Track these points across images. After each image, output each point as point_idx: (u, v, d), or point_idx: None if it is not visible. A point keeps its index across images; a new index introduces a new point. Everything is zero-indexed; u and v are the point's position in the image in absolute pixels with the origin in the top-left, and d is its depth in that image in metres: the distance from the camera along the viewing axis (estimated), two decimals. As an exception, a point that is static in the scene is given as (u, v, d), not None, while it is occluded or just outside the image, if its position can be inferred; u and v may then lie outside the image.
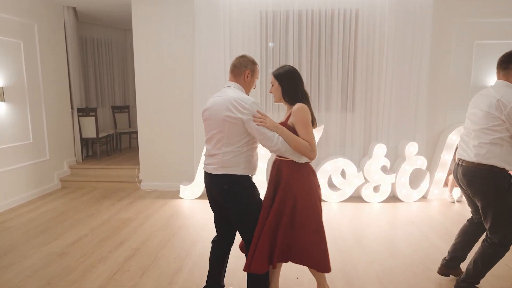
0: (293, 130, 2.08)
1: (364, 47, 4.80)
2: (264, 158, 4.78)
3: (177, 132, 5.26)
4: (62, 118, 5.72)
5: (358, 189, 4.82)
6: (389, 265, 3.01)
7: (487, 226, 2.38)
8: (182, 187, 4.98)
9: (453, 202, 4.75)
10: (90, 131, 6.22)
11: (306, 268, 3.00)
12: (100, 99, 7.34)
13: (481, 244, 2.43)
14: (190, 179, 5.22)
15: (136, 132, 7.35)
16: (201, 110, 4.84)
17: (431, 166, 4.89)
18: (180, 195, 5.00)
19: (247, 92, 2.24)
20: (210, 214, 4.18)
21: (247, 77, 2.20)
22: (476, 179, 2.34)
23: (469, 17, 4.77)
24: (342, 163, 4.71)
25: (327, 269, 2.12)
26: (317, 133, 4.63)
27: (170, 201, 4.84)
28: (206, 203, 4.74)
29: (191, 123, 5.16)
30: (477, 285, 2.51)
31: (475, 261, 2.42)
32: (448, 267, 2.73)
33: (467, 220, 2.72)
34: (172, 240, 3.55)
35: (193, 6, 4.90)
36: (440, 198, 4.89)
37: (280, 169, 2.17)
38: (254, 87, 2.29)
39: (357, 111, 4.89)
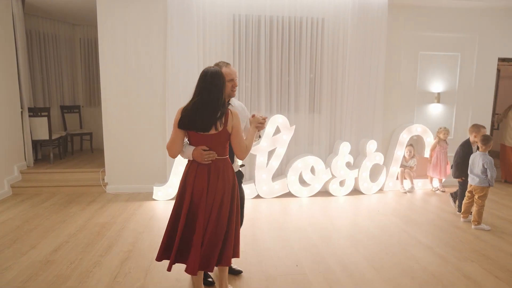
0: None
1: (329, 54, 5.20)
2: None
3: (148, 133, 5.15)
4: (11, 118, 5.22)
5: (325, 184, 5.20)
6: (372, 250, 3.38)
7: None
8: (155, 189, 4.90)
9: (405, 193, 5.37)
10: (41, 133, 5.75)
11: (304, 255, 3.25)
12: (48, 99, 6.80)
13: None
14: (162, 180, 5.15)
15: (89, 134, 6.97)
16: (175, 110, 4.85)
17: (386, 161, 5.47)
18: (154, 197, 4.91)
19: (226, 95, 2.48)
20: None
21: None
22: None
23: (415, 31, 5.45)
24: (312, 160, 5.05)
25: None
26: (289, 132, 4.91)
27: (144, 203, 4.73)
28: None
29: (164, 123, 5.10)
30: None
31: None
32: None
33: None
34: (160, 242, 3.52)
35: (164, 4, 4.86)
36: (394, 190, 5.49)
37: None
38: (228, 88, 2.50)
39: (323, 112, 5.28)
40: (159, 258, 2.38)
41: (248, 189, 5.01)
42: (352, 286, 2.72)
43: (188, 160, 2.35)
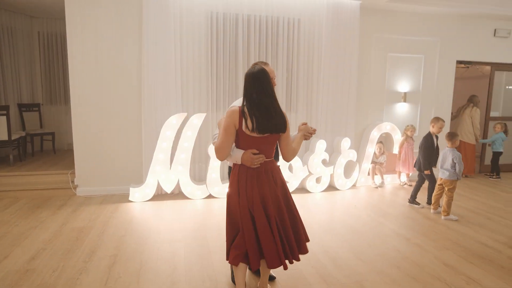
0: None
1: (305, 54, 5.31)
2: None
3: (122, 132, 4.95)
4: (-33, 117, 4.79)
5: (303, 182, 5.32)
6: (356, 243, 3.52)
7: None
8: (132, 190, 4.73)
9: (376, 188, 5.64)
10: (0, 133, 5.33)
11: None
12: (4, 96, 6.30)
13: None
14: (138, 180, 4.98)
15: (50, 134, 6.56)
16: (151, 108, 4.72)
17: (359, 158, 5.70)
18: (130, 198, 4.74)
19: None
20: (172, 215, 4.13)
21: None
22: None
23: (384, 33, 5.72)
24: (290, 158, 5.14)
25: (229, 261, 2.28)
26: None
27: (120, 206, 4.55)
28: (159, 204, 4.63)
29: (139, 122, 4.93)
30: None
31: None
32: None
33: None
34: (148, 243, 3.42)
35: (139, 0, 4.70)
36: (366, 185, 5.74)
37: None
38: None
39: (300, 111, 5.39)
40: (235, 261, 2.24)
41: (227, 187, 4.98)
42: (344, 278, 2.82)
43: (235, 164, 2.24)
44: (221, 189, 4.98)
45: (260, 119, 2.08)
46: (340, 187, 5.46)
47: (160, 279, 2.77)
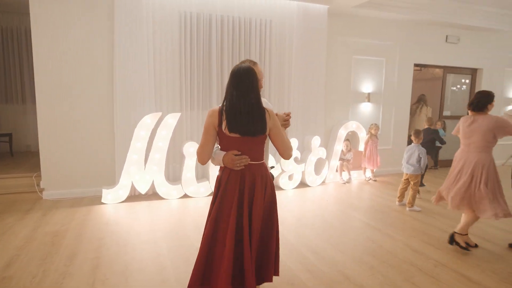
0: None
1: (277, 55, 5.47)
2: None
3: (93, 132, 4.80)
4: None
5: (276, 179, 5.47)
6: (333, 235, 3.72)
7: None
8: (104, 191, 4.60)
9: (344, 184, 5.93)
10: (-47, 134, 4.95)
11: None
12: (-46, 94, 5.83)
13: None
14: (110, 182, 4.85)
15: (7, 135, 6.17)
16: (124, 107, 4.63)
17: (327, 156, 5.96)
18: (103, 200, 4.61)
19: None
20: (149, 216, 4.10)
21: None
22: None
23: (349, 37, 6.03)
24: (264, 156, 5.26)
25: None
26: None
27: (93, 208, 4.41)
28: (134, 206, 4.56)
29: (111, 122, 4.81)
30: None
31: None
32: None
33: None
34: (129, 244, 3.38)
35: (111, -3, 4.59)
36: (334, 181, 6.02)
37: None
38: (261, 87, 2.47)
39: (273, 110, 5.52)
40: (193, 286, 2.02)
41: (202, 187, 5.02)
42: (327, 268, 2.99)
43: (220, 167, 2.12)
44: (197, 189, 4.99)
45: (234, 120, 1.95)
46: (311, 184, 5.68)
47: (148, 278, 2.76)
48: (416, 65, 6.66)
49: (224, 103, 1.99)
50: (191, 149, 4.87)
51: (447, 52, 6.80)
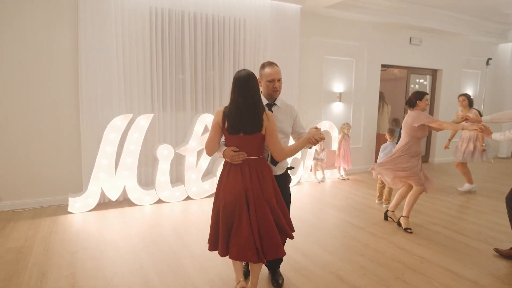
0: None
1: (251, 54, 5.37)
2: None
3: (57, 137, 4.41)
4: None
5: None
6: (318, 236, 3.69)
7: None
8: (71, 200, 4.24)
9: (319, 183, 5.97)
10: None
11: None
12: None
13: None
14: (77, 189, 4.49)
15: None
16: (91, 109, 4.31)
17: (302, 155, 5.96)
18: (69, 210, 4.25)
19: (266, 95, 2.53)
20: (124, 224, 3.85)
21: (260, 83, 2.50)
22: None
23: (321, 37, 6.08)
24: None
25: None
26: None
27: (59, 219, 4.05)
28: (105, 214, 4.26)
29: (77, 125, 4.45)
30: None
31: None
32: None
33: None
34: (107, 257, 3.12)
35: (74, -11, 4.24)
36: (309, 181, 6.04)
37: None
38: (269, 88, 2.50)
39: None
40: (212, 248, 2.42)
41: (177, 191, 4.80)
42: (320, 270, 2.95)
43: (224, 161, 2.41)
44: (171, 193, 4.77)
45: (232, 120, 2.23)
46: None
47: (133, 286, 2.55)
48: (383, 65, 6.87)
49: (228, 106, 2.28)
50: (164, 152, 4.64)
51: (410, 53, 7.08)
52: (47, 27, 4.24)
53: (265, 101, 2.49)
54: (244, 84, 2.22)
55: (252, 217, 2.23)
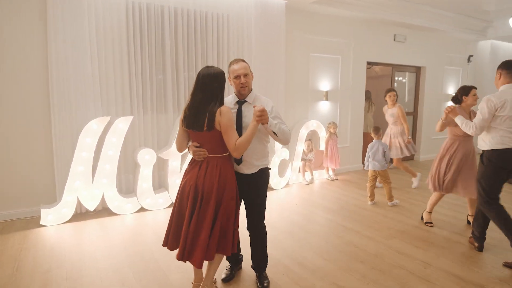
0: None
1: (235, 50, 5.13)
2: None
3: (24, 143, 4.03)
4: None
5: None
6: (312, 241, 3.50)
7: None
8: (43, 212, 3.88)
9: (307, 184, 5.80)
10: None
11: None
12: None
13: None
14: (49, 200, 4.13)
15: None
16: (64, 112, 3.97)
17: (290, 156, 5.77)
18: (42, 222, 3.88)
19: (236, 93, 2.48)
20: (103, 236, 3.55)
21: (231, 83, 2.47)
22: None
23: (307, 34, 5.90)
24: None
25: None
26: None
27: (30, 233, 3.69)
28: (82, 225, 3.93)
29: (48, 130, 4.08)
30: None
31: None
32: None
33: None
34: (86, 275, 2.81)
35: (42, -19, 3.87)
36: (297, 182, 5.86)
37: None
38: (236, 85, 2.43)
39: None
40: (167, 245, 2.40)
41: (161, 198, 4.51)
42: (320, 281, 2.75)
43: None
44: (154, 200, 4.47)
45: (187, 116, 2.27)
46: (275, 187, 5.44)
47: (118, 319, 2.27)
48: (368, 63, 6.77)
49: (187, 102, 2.31)
50: (146, 156, 4.34)
51: (395, 50, 7.02)
52: (12, 23, 3.85)
53: (236, 99, 2.46)
54: (206, 80, 2.23)
55: (194, 216, 2.21)
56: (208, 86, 2.22)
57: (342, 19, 6.22)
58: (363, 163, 6.93)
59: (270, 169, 2.64)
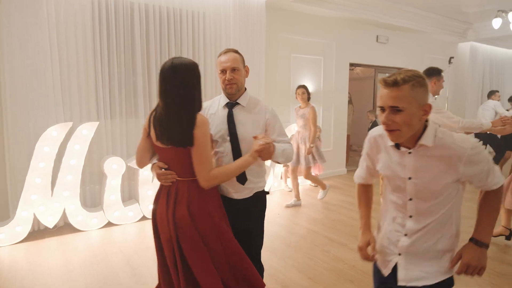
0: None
1: (212, 50, 4.80)
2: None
3: (-27, 152, 3.57)
4: None
5: (218, 193, 4.79)
6: (296, 257, 3.21)
7: None
8: (-6, 231, 3.43)
9: (290, 191, 5.51)
10: None
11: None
12: None
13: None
14: (2, 217, 3.68)
15: None
16: (17, 116, 3.54)
17: (272, 162, 5.48)
18: (-8, 243, 3.44)
19: (224, 92, 2.01)
20: (68, 256, 3.14)
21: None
22: None
23: (288, 34, 5.64)
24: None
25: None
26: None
27: (-23, 256, 3.24)
28: (40, 245, 3.52)
29: (0, 139, 3.64)
30: None
31: None
32: None
33: None
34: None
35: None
36: (279, 189, 5.57)
37: None
38: (222, 81, 1.97)
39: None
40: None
41: (131, 211, 4.12)
42: (305, 307, 2.45)
43: None
44: (123, 213, 4.07)
45: (158, 127, 1.68)
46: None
47: None
48: (351, 64, 6.57)
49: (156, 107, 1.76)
50: (114, 165, 3.95)
51: (377, 52, 6.86)
52: (-44, 16, 3.41)
53: (225, 101, 1.96)
54: (172, 79, 1.65)
55: (178, 262, 1.66)
56: (182, 87, 1.65)
57: (324, 19, 5.99)
58: (346, 167, 6.73)
59: (267, 193, 2.10)
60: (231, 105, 1.95)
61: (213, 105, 2.00)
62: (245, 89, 2.00)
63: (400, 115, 1.26)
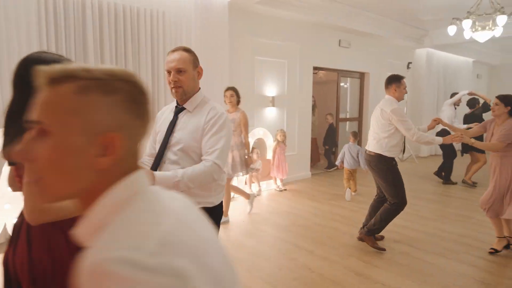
0: None
1: (172, 49, 4.58)
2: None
3: None
4: None
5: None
6: (263, 267, 3.08)
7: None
8: None
9: (255, 196, 5.38)
10: None
11: None
12: None
13: (384, 206, 3.32)
14: None
15: None
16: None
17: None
18: None
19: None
20: None
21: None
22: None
23: (252, 36, 5.53)
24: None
25: None
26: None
27: None
28: None
29: None
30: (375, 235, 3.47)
31: (378, 215, 3.33)
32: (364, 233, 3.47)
33: (374, 199, 3.63)
34: None
35: None
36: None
37: None
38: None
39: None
40: None
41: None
42: (273, 322, 2.33)
43: None
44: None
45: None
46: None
47: None
48: (315, 68, 6.59)
49: None
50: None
51: (340, 56, 6.94)
52: None
53: (175, 105, 1.85)
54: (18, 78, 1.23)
55: None
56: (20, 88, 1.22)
57: (288, 22, 5.96)
58: (311, 170, 6.73)
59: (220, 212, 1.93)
60: (178, 110, 1.80)
61: (167, 109, 1.87)
62: (199, 89, 1.86)
63: None
